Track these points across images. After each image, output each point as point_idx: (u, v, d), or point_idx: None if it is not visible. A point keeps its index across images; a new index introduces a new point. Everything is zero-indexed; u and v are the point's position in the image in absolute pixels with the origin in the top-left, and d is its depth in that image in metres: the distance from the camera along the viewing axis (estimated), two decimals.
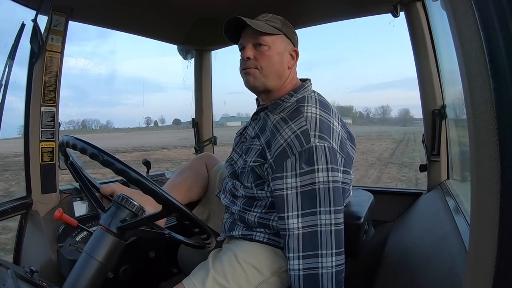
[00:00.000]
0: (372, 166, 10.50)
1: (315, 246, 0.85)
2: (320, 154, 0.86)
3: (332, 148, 0.89)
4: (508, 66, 0.37)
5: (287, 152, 0.89)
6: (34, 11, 1.26)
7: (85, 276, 0.76)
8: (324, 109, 0.97)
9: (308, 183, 0.86)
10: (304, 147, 0.87)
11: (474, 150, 0.42)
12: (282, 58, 1.03)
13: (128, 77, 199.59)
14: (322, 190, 0.85)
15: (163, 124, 56.64)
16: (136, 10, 1.50)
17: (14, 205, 1.34)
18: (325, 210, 0.85)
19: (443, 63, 1.43)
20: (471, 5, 0.39)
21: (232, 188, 1.09)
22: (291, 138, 0.90)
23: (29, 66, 1.35)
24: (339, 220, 0.86)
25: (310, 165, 0.86)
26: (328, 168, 0.86)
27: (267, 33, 1.01)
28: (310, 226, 0.85)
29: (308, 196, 0.86)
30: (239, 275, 0.94)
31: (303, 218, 0.86)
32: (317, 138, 0.88)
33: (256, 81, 1.03)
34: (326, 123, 0.93)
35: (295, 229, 0.86)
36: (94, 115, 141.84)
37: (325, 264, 0.84)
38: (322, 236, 0.85)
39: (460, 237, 0.88)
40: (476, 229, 0.43)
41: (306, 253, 0.85)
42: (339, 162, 0.90)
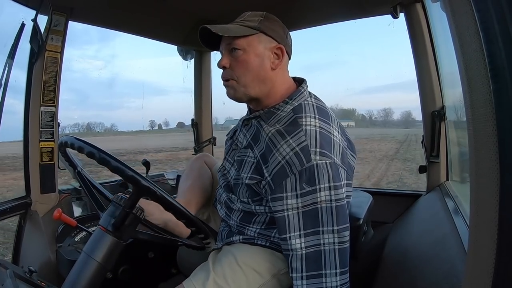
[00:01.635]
0: (381, 161, 12.35)
1: (319, 266, 0.82)
2: (322, 173, 0.81)
3: (334, 163, 0.83)
4: (508, 67, 0.37)
5: (286, 171, 0.83)
6: (34, 11, 1.26)
7: (84, 276, 0.76)
8: (323, 118, 0.91)
9: (310, 203, 0.81)
10: (304, 166, 0.81)
11: (473, 151, 0.42)
12: (262, 60, 0.93)
13: (130, 80, 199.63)
14: (325, 209, 0.81)
15: (167, 127, 56.57)
16: (136, 11, 1.50)
17: (13, 205, 1.34)
18: (327, 230, 0.81)
19: (442, 65, 1.43)
20: (471, 7, 0.40)
21: (227, 201, 1.05)
22: (289, 156, 0.84)
23: (29, 66, 1.35)
24: (343, 239, 0.83)
25: (312, 185, 0.81)
26: (331, 187, 0.81)
27: (240, 36, 0.92)
28: (313, 246, 0.82)
29: (310, 215, 0.82)
30: (239, 277, 0.94)
31: (305, 238, 0.82)
32: (318, 155, 0.82)
33: (236, 93, 0.96)
34: (327, 136, 0.87)
35: (298, 250, 0.82)
36: (96, 118, 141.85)
37: (329, 284, 0.82)
38: (326, 256, 0.81)
39: (459, 238, 0.88)
40: (475, 231, 0.43)
41: (310, 273, 0.82)
42: (342, 176, 0.85)
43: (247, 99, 0.98)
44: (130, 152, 18.05)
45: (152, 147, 21.19)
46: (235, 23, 0.96)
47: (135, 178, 0.74)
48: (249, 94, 0.95)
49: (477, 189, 0.42)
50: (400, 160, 12.46)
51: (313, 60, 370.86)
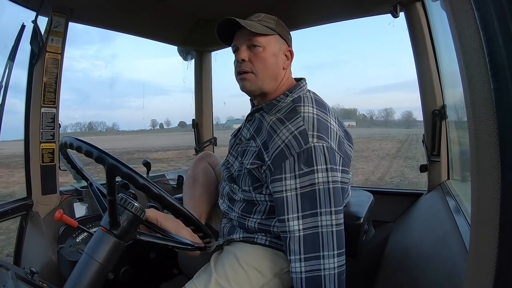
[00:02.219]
0: (384, 159, 13.37)
1: (317, 248, 0.84)
2: (319, 154, 0.85)
3: (331, 147, 0.88)
4: (508, 66, 0.37)
5: (285, 153, 0.87)
6: (34, 12, 1.26)
7: (86, 277, 0.76)
8: (320, 108, 0.96)
9: (308, 184, 0.84)
10: (302, 148, 0.86)
11: (474, 150, 0.42)
12: (277, 59, 1.02)
13: (131, 80, 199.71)
14: (322, 190, 0.84)
15: (168, 126, 56.52)
16: (136, 11, 1.50)
17: (14, 206, 1.34)
18: (325, 211, 0.84)
19: (443, 63, 1.43)
20: (471, 5, 0.39)
21: (229, 192, 1.07)
22: (289, 139, 0.88)
23: (29, 67, 1.35)
24: (339, 221, 0.86)
25: (309, 166, 0.85)
26: (328, 169, 0.85)
27: (262, 34, 0.99)
28: (311, 228, 0.84)
29: (308, 197, 0.85)
30: (241, 277, 0.94)
31: (303, 220, 0.84)
32: (315, 138, 0.87)
33: (252, 85, 1.02)
34: (324, 123, 0.92)
35: (296, 231, 0.85)
36: (97, 117, 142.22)
37: (328, 266, 0.83)
38: (324, 238, 0.84)
39: (461, 237, 0.88)
40: (477, 229, 0.43)
41: (308, 255, 0.84)
42: (337, 161, 0.89)
43: (259, 93, 1.04)
44: (139, 150, 18.70)
45: (159, 146, 21.33)
46: (254, 21, 1.02)
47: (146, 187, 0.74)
48: (263, 88, 1.02)
49: (478, 188, 0.42)
50: (401, 158, 13.37)
51: (313, 60, 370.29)
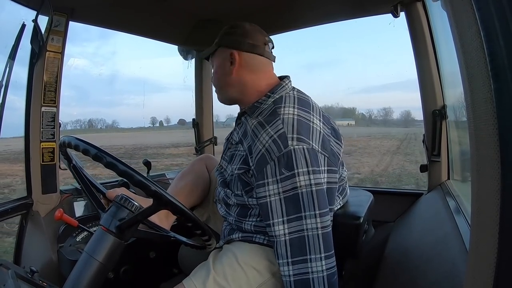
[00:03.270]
0: (385, 155, 14.71)
1: (304, 252, 0.84)
2: (299, 157, 0.84)
3: (312, 149, 0.86)
4: (509, 66, 0.37)
5: (266, 158, 0.87)
6: (34, 11, 1.26)
7: (86, 277, 0.76)
8: (303, 107, 0.94)
9: (290, 188, 0.84)
10: (282, 152, 0.85)
11: (474, 150, 0.42)
12: (222, 70, 1.06)
13: (130, 78, 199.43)
14: (305, 194, 0.83)
15: (168, 124, 56.49)
16: (136, 11, 1.50)
17: (14, 205, 1.34)
18: (310, 214, 0.83)
19: (443, 63, 1.43)
20: (472, 5, 0.39)
21: (224, 197, 1.07)
22: (268, 143, 0.87)
23: (30, 66, 1.35)
24: (325, 223, 0.85)
25: (290, 170, 0.84)
26: (309, 171, 0.84)
27: (210, 55, 1.10)
28: (296, 232, 0.84)
29: (292, 201, 0.84)
30: (239, 276, 0.94)
31: (288, 224, 0.84)
32: (295, 141, 0.85)
33: (219, 98, 1.13)
34: (305, 123, 0.90)
35: (282, 236, 0.85)
36: (95, 115, 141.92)
37: (315, 269, 0.83)
38: (310, 241, 0.83)
39: (461, 237, 0.88)
40: (477, 230, 0.43)
41: (295, 259, 0.84)
42: (321, 162, 0.88)
43: (229, 102, 1.11)
44: (149, 147, 19.41)
45: (168, 142, 21.62)
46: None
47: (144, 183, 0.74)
48: (228, 97, 1.10)
49: (478, 188, 0.42)
50: (401, 154, 14.53)
51: (312, 59, 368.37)
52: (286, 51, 20.51)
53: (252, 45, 1.04)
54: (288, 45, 56.60)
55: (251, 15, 1.67)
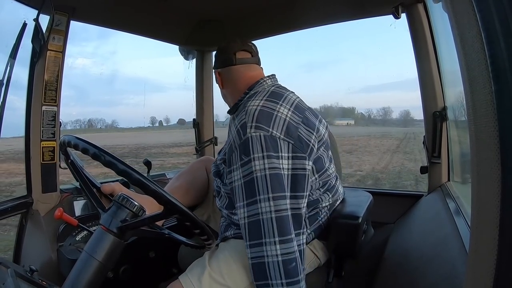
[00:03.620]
0: (385, 153, 15.37)
1: (259, 235, 0.86)
2: (255, 143, 0.88)
3: (270, 136, 0.89)
4: (509, 68, 0.37)
5: (232, 148, 0.93)
6: (35, 10, 1.26)
7: (85, 276, 0.76)
8: (272, 99, 0.98)
9: (248, 173, 0.88)
10: (242, 139, 0.90)
11: (474, 152, 0.42)
12: (219, 86, 1.21)
13: (129, 77, 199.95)
14: (260, 178, 0.86)
15: (168, 124, 56.44)
16: (137, 11, 1.51)
17: (14, 204, 1.34)
18: (264, 198, 0.86)
19: (444, 65, 1.43)
20: (473, 7, 0.39)
21: (216, 188, 1.12)
22: (234, 135, 0.93)
23: (31, 65, 1.35)
24: (280, 207, 0.86)
25: (247, 155, 0.88)
26: (264, 156, 0.87)
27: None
28: (252, 216, 0.87)
29: (249, 185, 0.88)
30: (234, 272, 0.96)
31: (247, 207, 0.88)
32: (252, 129, 0.90)
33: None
34: (267, 112, 0.93)
35: (242, 219, 0.89)
36: (94, 114, 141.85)
37: (270, 253, 0.85)
38: (264, 225, 0.85)
39: (461, 239, 0.88)
40: (477, 231, 0.43)
41: (252, 242, 0.87)
42: (282, 149, 0.90)
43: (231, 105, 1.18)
44: (152, 146, 19.97)
45: (170, 142, 21.89)
46: None
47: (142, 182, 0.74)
48: (228, 105, 1.21)
49: (478, 190, 0.42)
50: (401, 153, 15.31)
51: (312, 59, 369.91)
52: (286, 51, 20.58)
53: (223, 60, 1.17)
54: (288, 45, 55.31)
55: (251, 16, 1.67)
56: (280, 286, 0.84)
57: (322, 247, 1.09)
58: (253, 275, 0.88)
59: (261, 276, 0.86)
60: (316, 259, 1.08)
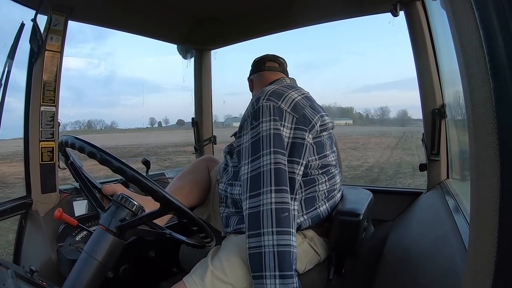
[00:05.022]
0: (386, 149, 16.68)
1: (258, 186, 0.93)
2: (265, 110, 0.99)
3: (279, 107, 1.00)
4: (508, 65, 0.37)
5: (245, 117, 1.04)
6: (33, 10, 1.26)
7: (85, 276, 0.76)
8: (286, 87, 1.10)
9: (255, 134, 0.98)
10: (254, 108, 1.02)
11: (473, 149, 0.42)
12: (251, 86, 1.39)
13: (126, 78, 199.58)
14: (265, 136, 0.97)
15: (167, 124, 56.35)
16: (135, 10, 1.50)
17: (13, 205, 1.34)
18: (266, 153, 0.95)
19: (442, 63, 1.43)
20: (471, 4, 0.39)
21: (224, 165, 1.24)
22: (249, 108, 1.05)
23: (29, 65, 1.35)
24: (278, 160, 0.95)
25: (257, 120, 0.99)
26: (271, 120, 0.98)
27: None
28: (255, 170, 0.95)
29: (255, 144, 0.98)
30: (236, 269, 0.97)
31: (251, 164, 0.97)
32: (265, 100, 1.01)
33: None
34: (280, 92, 1.05)
35: (245, 175, 0.97)
36: (91, 115, 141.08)
37: (265, 201, 0.91)
38: (264, 176, 0.94)
39: (460, 236, 0.88)
40: (476, 228, 0.43)
41: (251, 193, 0.94)
42: (286, 119, 1.00)
43: None
44: (167, 145, 20.73)
45: (181, 141, 22.21)
46: None
47: (139, 180, 0.74)
48: None
49: (477, 187, 0.42)
50: (400, 149, 16.73)
51: (310, 58, 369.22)
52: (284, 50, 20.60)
53: (255, 68, 1.38)
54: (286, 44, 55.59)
55: (250, 14, 1.67)
56: (270, 234, 0.89)
57: (322, 243, 1.10)
58: (247, 225, 0.93)
59: (254, 225, 0.91)
60: (316, 256, 1.09)
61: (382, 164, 12.25)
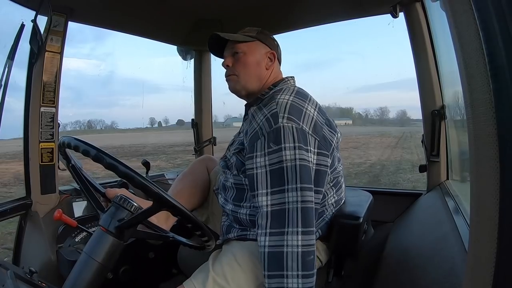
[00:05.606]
0: (386, 148, 17.86)
1: (282, 224, 0.85)
2: (287, 134, 0.88)
3: (301, 129, 0.91)
4: (508, 66, 0.37)
5: (258, 134, 0.92)
6: (33, 11, 1.26)
7: (85, 277, 0.76)
8: (299, 97, 0.99)
9: (276, 161, 0.88)
10: (272, 128, 0.90)
11: (473, 150, 0.42)
12: (258, 61, 1.13)
13: (125, 78, 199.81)
14: (290, 167, 0.87)
15: (167, 124, 56.25)
16: (135, 11, 1.50)
17: (13, 206, 1.34)
18: (292, 188, 0.86)
19: (442, 64, 1.43)
20: (471, 6, 0.40)
21: (223, 181, 1.12)
22: (262, 122, 0.93)
23: (29, 66, 1.35)
24: (306, 198, 0.86)
25: (278, 144, 0.88)
26: (296, 147, 0.88)
27: (242, 41, 1.12)
28: (278, 204, 0.86)
29: (277, 174, 0.88)
30: (238, 276, 0.95)
31: (272, 196, 0.87)
32: (285, 119, 0.90)
33: (236, 85, 1.13)
34: (298, 107, 0.95)
35: (264, 207, 0.87)
36: (90, 116, 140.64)
37: (291, 243, 0.84)
38: (289, 214, 0.85)
39: (460, 237, 0.88)
40: (476, 230, 0.43)
41: (273, 230, 0.85)
42: (310, 143, 0.92)
43: (245, 93, 1.14)
44: (176, 144, 21.11)
45: (187, 141, 22.58)
46: (239, 33, 1.15)
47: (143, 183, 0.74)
48: (246, 86, 1.13)
49: (477, 188, 0.42)
50: (399, 148, 17.89)
51: (310, 59, 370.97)
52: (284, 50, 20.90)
53: (279, 54, 1.20)
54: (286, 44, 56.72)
55: (250, 15, 1.67)
56: (295, 277, 0.83)
57: (324, 249, 1.09)
58: (266, 265, 0.86)
59: (276, 266, 0.84)
60: (318, 261, 1.08)
61: (384, 161, 12.98)
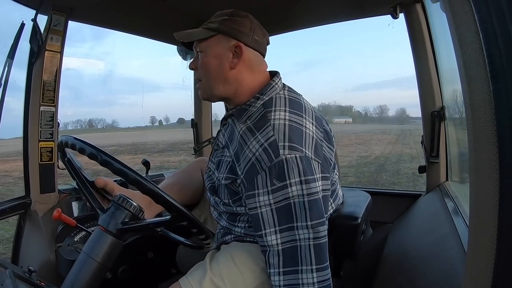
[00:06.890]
0: (388, 144, 19.31)
1: (296, 262, 0.80)
2: (292, 167, 0.79)
3: (305, 157, 0.81)
4: (508, 67, 0.37)
5: (256, 168, 0.82)
6: (33, 10, 1.26)
7: (84, 276, 0.76)
8: (295, 110, 0.89)
9: (282, 199, 0.79)
10: (273, 161, 0.80)
11: (473, 151, 0.42)
12: (220, 60, 0.94)
13: (124, 77, 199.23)
14: (298, 204, 0.79)
15: (167, 123, 56.16)
16: (135, 11, 1.50)
17: (12, 205, 1.34)
18: (302, 225, 0.79)
19: (442, 65, 1.43)
20: (471, 7, 0.40)
21: (214, 204, 1.04)
22: (259, 152, 0.82)
23: (29, 65, 1.35)
24: (319, 234, 0.81)
25: (282, 181, 0.79)
26: (302, 181, 0.79)
27: (201, 39, 0.95)
28: (289, 242, 0.80)
29: (284, 211, 0.80)
30: (236, 276, 0.93)
31: (281, 234, 0.80)
32: (286, 150, 0.80)
33: (203, 93, 1.00)
34: (297, 129, 0.85)
35: (275, 246, 0.81)
36: (89, 115, 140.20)
37: (306, 281, 0.80)
38: (302, 252, 0.80)
39: (459, 238, 0.88)
40: (475, 231, 0.43)
41: (286, 269, 0.81)
42: (315, 169, 0.83)
43: (216, 99, 1.01)
44: (183, 142, 20.90)
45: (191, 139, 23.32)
46: (201, 25, 0.98)
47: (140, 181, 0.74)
48: (214, 93, 0.98)
49: (476, 190, 0.42)
50: (400, 144, 19.25)
51: (310, 58, 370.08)
52: (283, 49, 20.42)
53: (257, 41, 0.97)
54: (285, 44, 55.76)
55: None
56: None
57: None
58: None
59: None
60: None
61: (387, 155, 14.81)
